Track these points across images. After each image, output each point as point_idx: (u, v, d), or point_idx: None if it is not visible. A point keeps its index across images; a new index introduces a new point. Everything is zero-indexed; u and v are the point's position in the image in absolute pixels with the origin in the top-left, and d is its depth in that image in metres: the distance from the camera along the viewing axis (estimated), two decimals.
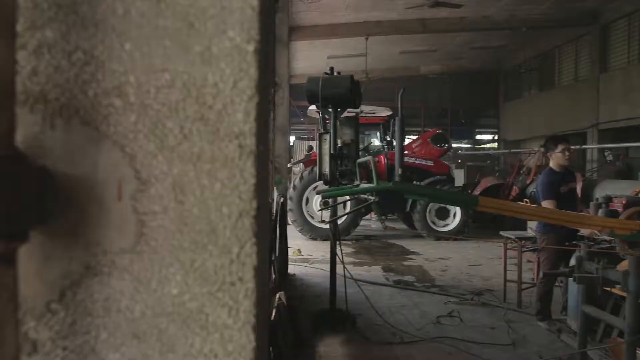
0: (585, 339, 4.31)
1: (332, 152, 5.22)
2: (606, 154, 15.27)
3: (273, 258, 4.97)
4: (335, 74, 5.50)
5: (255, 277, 0.66)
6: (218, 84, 0.66)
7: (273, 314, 4.62)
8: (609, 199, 7.03)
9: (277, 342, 4.09)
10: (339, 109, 5.37)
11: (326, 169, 5.11)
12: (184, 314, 0.66)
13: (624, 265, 4.03)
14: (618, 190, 8.32)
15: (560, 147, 5.43)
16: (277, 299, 5.08)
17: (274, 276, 5.55)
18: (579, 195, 11.85)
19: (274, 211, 5.23)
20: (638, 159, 16.08)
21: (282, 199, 5.34)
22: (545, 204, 5.26)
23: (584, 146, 15.91)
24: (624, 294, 3.76)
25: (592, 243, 4.92)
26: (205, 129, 0.66)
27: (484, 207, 3.56)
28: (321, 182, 5.53)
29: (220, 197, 0.66)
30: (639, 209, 4.16)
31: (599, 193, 10.06)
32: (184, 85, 0.66)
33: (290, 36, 14.72)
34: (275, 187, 6.93)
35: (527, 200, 11.33)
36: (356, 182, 4.15)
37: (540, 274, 5.81)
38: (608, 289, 4.18)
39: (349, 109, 6.40)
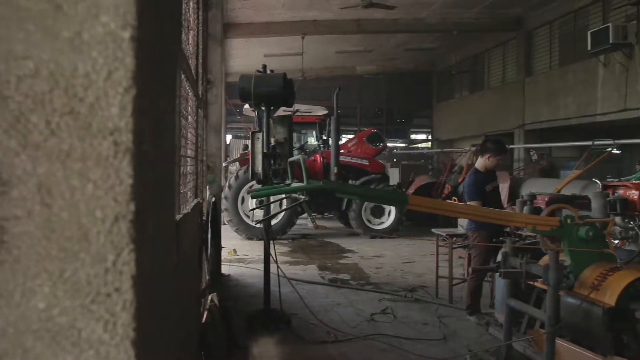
0: (510, 331, 4.46)
1: (265, 151, 5.16)
2: (531, 153, 15.97)
3: (205, 259, 4.85)
4: (268, 71, 5.43)
5: (135, 287, 0.60)
6: (90, 75, 0.60)
7: (205, 316, 4.51)
8: (533, 197, 7.33)
9: (207, 344, 3.99)
10: (272, 107, 5.31)
11: (259, 168, 5.04)
12: (53, 330, 0.59)
13: (545, 259, 4.20)
14: (542, 188, 8.70)
15: (498, 157, 5.76)
16: (209, 301, 4.97)
17: (207, 277, 5.43)
18: (507, 193, 12.35)
19: (205, 211, 5.10)
20: (560, 158, 16.96)
21: (213, 199, 5.21)
22: (472, 204, 5.44)
23: (511, 146, 16.57)
24: (546, 287, 3.92)
25: (517, 239, 5.12)
26: (76, 124, 0.59)
27: (414, 206, 3.60)
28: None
29: (93, 199, 0.60)
30: (558, 206, 4.34)
31: (525, 191, 10.49)
32: (50, 75, 0.59)
33: (225, 33, 14.48)
34: (207, 187, 6.77)
35: (456, 198, 11.68)
36: (288, 182, 4.11)
37: (470, 270, 5.99)
38: (531, 282, 4.34)
39: (284, 108, 6.36)
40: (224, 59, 14.24)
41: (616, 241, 4.38)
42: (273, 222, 11.66)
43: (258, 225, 8.24)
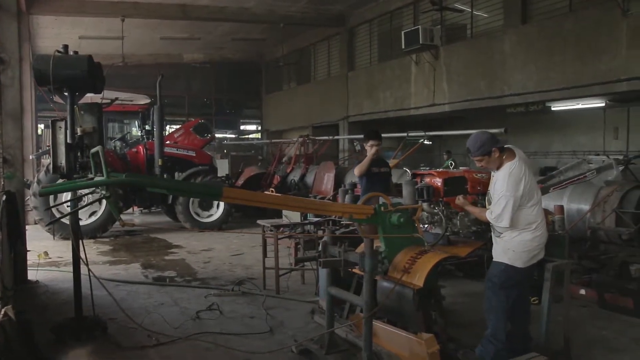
0: (332, 318, 4.56)
1: (69, 141, 4.60)
2: (355, 144, 16.84)
3: None
4: (71, 53, 4.85)
5: None
6: None
7: None
8: (354, 185, 7.69)
9: None
10: (76, 93, 4.76)
11: (62, 161, 4.49)
12: None
13: (362, 247, 4.35)
14: None
15: (370, 142, 6.41)
16: (1, 316, 4.32)
17: None
18: (333, 183, 12.88)
19: None
20: (381, 148, 18.12)
21: (4, 196, 4.53)
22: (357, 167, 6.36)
23: (336, 137, 17.34)
24: (363, 273, 4.05)
25: (336, 228, 5.27)
26: None
27: (228, 198, 3.46)
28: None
29: None
30: (373, 194, 4.52)
31: (348, 180, 11.01)
32: None
33: (28, 8, 12.91)
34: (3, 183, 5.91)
35: (273, 189, 11.89)
36: (90, 175, 3.69)
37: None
38: (350, 270, 4.46)
39: (103, 97, 5.78)
40: (26, 37, 12.65)
41: (425, 226, 4.69)
42: (92, 218, 10.74)
43: (66, 221, 7.36)
